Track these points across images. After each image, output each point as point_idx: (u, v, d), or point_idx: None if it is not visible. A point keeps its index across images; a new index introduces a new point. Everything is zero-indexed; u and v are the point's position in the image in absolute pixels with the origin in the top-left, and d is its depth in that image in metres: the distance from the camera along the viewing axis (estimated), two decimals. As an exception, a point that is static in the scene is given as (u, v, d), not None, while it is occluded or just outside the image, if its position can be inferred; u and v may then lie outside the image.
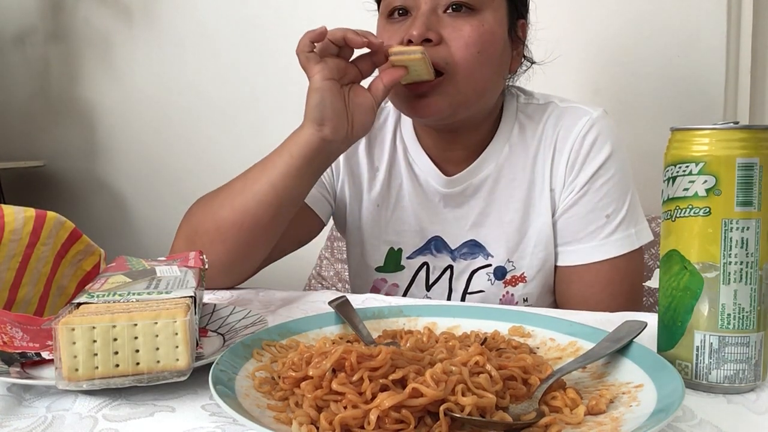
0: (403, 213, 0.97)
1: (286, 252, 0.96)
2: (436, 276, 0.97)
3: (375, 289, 1.00)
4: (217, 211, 0.83)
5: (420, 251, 0.96)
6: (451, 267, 0.96)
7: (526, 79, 0.99)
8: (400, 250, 0.97)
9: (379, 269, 0.99)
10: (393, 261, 0.97)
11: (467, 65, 0.81)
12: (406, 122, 0.98)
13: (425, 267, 0.97)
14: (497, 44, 0.85)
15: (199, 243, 0.83)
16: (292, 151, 0.79)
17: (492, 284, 0.95)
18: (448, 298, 0.97)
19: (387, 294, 0.98)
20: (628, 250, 0.89)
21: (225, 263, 0.83)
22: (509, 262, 0.93)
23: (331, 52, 0.78)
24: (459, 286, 0.96)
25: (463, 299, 0.96)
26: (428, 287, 0.97)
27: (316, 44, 0.77)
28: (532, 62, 0.97)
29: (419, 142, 0.96)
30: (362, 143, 0.98)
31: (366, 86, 0.82)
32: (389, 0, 0.85)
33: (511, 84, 0.97)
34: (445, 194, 0.94)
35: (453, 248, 0.95)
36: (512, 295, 0.95)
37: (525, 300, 0.95)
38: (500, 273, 0.94)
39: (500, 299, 0.95)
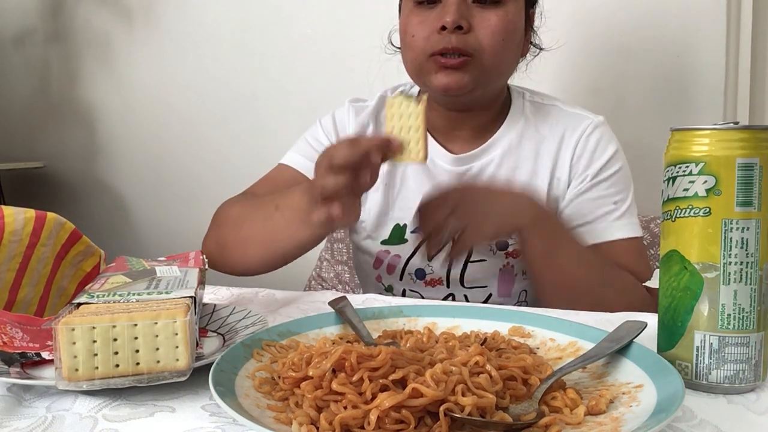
0: (409, 192, 1.00)
1: None
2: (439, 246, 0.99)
3: (378, 261, 1.03)
4: (246, 239, 0.89)
5: None
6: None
7: (528, 74, 1.03)
8: (404, 226, 1.01)
9: (383, 242, 1.02)
10: (397, 235, 1.01)
11: (492, 50, 0.90)
12: None
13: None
14: (517, 32, 0.93)
15: (227, 255, 0.91)
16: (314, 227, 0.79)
17: (494, 254, 0.98)
18: (449, 267, 0.99)
19: (389, 265, 1.02)
20: (635, 234, 0.95)
21: (248, 270, 0.91)
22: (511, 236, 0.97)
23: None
24: (461, 255, 0.99)
25: (465, 267, 0.98)
26: (430, 257, 0.99)
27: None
28: (540, 48, 1.04)
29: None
30: (370, 127, 1.04)
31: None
32: None
33: (517, 84, 1.03)
34: (450, 171, 0.99)
35: None
36: (512, 266, 0.98)
37: (524, 273, 0.98)
38: (502, 244, 0.98)
39: (500, 268, 0.98)
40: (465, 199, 0.82)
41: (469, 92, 0.91)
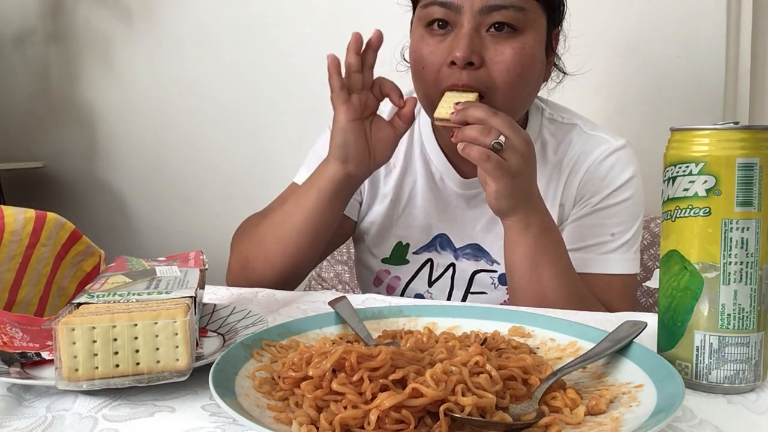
0: (414, 210, 0.98)
1: (327, 255, 1.02)
2: (440, 273, 0.98)
3: (378, 280, 1.01)
4: (262, 242, 0.91)
5: (426, 248, 0.98)
6: (453, 265, 0.97)
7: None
8: (407, 245, 0.99)
9: (384, 260, 1.00)
10: (399, 254, 0.99)
11: (507, 88, 0.82)
12: (425, 118, 0.98)
13: (430, 263, 0.98)
14: (536, 65, 0.85)
15: (251, 269, 0.91)
16: (320, 186, 0.86)
17: (495, 288, 0.96)
18: (449, 296, 0.97)
19: (389, 285, 1.00)
20: (623, 272, 0.90)
21: (276, 282, 0.90)
22: None
23: (357, 88, 0.82)
24: (461, 285, 0.97)
25: (464, 299, 0.97)
26: (430, 283, 0.98)
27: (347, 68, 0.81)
28: (564, 73, 0.98)
29: (437, 140, 0.97)
30: None
31: (387, 116, 0.87)
32: (430, 11, 0.83)
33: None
34: (460, 194, 0.96)
35: (457, 247, 0.96)
36: None
37: None
38: (505, 279, 0.94)
39: (501, 303, 0.95)
40: (516, 135, 0.75)
41: None
